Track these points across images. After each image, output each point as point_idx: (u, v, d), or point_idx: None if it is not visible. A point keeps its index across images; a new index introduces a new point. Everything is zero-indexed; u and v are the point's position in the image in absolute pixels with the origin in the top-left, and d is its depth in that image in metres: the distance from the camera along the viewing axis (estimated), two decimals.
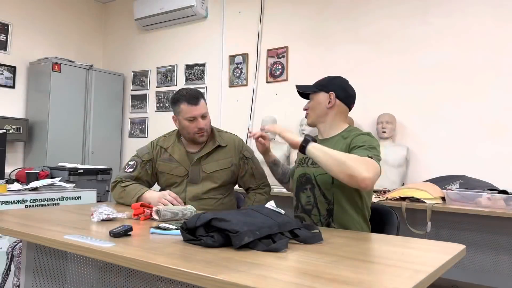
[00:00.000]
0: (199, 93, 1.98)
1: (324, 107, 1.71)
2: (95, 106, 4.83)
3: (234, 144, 2.06)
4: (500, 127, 2.94)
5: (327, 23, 3.73)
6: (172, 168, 2.00)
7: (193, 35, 4.64)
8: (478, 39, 3.05)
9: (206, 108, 1.99)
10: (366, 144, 1.54)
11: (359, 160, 1.43)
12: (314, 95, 1.74)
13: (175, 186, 2.00)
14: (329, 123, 1.73)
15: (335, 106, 1.71)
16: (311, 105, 1.75)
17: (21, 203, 2.45)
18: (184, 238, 1.16)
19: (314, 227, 1.27)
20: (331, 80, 1.75)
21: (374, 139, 1.61)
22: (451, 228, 2.83)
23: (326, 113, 1.72)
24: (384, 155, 3.17)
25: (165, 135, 2.12)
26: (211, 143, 2.03)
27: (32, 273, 1.56)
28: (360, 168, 1.39)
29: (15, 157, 4.57)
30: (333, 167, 1.43)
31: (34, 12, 4.74)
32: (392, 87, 3.38)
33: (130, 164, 2.03)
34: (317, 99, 1.73)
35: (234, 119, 4.25)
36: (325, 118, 1.72)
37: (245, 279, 0.82)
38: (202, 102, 1.97)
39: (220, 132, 2.11)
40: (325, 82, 1.74)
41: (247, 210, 1.24)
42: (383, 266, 0.96)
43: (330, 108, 1.70)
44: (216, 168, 1.98)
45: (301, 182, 1.72)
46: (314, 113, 1.74)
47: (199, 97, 1.96)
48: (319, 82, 1.76)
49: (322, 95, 1.72)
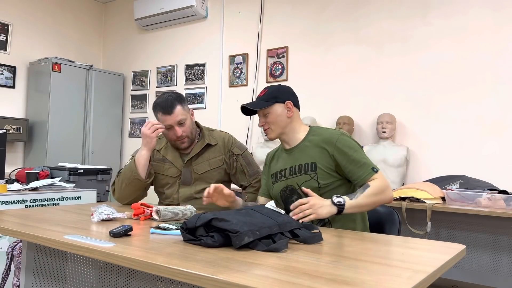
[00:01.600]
0: (176, 100, 1.90)
1: (285, 117, 1.68)
2: (95, 106, 4.83)
3: (224, 142, 2.03)
4: (500, 127, 2.94)
5: (327, 23, 3.73)
6: (165, 169, 2.00)
7: (193, 35, 4.64)
8: (478, 39, 3.05)
9: (184, 114, 1.91)
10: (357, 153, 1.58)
11: (379, 190, 1.53)
12: (269, 108, 1.67)
13: (168, 187, 1.99)
14: (292, 131, 1.70)
15: (293, 113, 1.70)
16: (270, 120, 1.68)
17: (21, 203, 2.45)
18: (184, 238, 1.16)
19: (314, 227, 1.27)
20: (277, 89, 1.70)
21: (350, 137, 1.64)
22: (451, 228, 2.83)
23: (288, 123, 1.69)
24: (384, 155, 3.17)
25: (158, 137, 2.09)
26: (200, 143, 2.00)
27: (32, 273, 1.56)
28: (386, 196, 1.54)
29: (15, 157, 4.57)
30: (371, 209, 1.56)
31: (34, 12, 4.74)
32: (392, 87, 3.38)
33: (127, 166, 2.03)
34: (274, 112, 1.67)
35: (234, 119, 4.25)
36: (288, 128, 1.70)
37: (245, 279, 0.82)
38: (178, 109, 1.88)
39: (211, 131, 2.08)
40: (275, 93, 1.68)
41: (247, 210, 1.24)
42: (383, 266, 0.96)
43: (290, 117, 1.69)
44: (207, 169, 1.97)
45: (286, 195, 1.69)
46: (277, 126, 1.68)
47: (173, 105, 1.88)
48: (267, 95, 1.69)
49: (278, 107, 1.67)
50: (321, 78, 3.74)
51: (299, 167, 1.66)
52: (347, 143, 1.60)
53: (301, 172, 1.65)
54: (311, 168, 1.63)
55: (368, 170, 1.56)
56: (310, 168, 1.63)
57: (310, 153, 1.65)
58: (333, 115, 3.61)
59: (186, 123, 1.92)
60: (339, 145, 1.59)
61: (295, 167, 1.67)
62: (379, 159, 3.19)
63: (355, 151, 1.59)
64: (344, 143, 1.60)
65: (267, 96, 1.69)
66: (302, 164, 1.65)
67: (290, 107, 1.68)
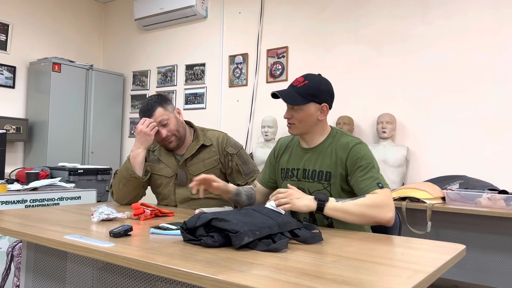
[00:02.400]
0: (156, 102, 1.92)
1: (315, 119, 1.55)
2: (95, 106, 4.83)
3: (218, 142, 2.02)
4: (500, 127, 2.94)
5: (327, 23, 3.73)
6: (160, 169, 2.00)
7: (193, 35, 4.64)
8: (478, 39, 3.05)
9: (167, 114, 1.91)
10: (369, 165, 1.47)
11: (377, 204, 1.39)
12: (304, 105, 1.53)
13: (163, 187, 1.99)
14: (316, 132, 1.59)
15: (325, 117, 1.58)
16: (299, 117, 1.54)
17: (21, 203, 2.45)
18: (184, 238, 1.16)
19: (314, 227, 1.27)
20: (318, 87, 1.53)
21: (368, 149, 1.54)
22: (451, 228, 2.83)
23: (315, 124, 1.57)
24: (384, 155, 3.17)
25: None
26: (194, 143, 1.99)
27: (32, 273, 1.56)
28: (381, 214, 1.38)
29: (15, 157, 4.57)
30: (355, 222, 1.40)
31: (34, 12, 4.74)
32: (392, 87, 3.38)
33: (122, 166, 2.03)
34: (307, 110, 1.53)
35: (234, 119, 4.25)
36: (314, 128, 1.58)
37: (245, 279, 0.82)
38: (158, 110, 1.90)
39: (205, 131, 2.06)
40: (314, 91, 1.52)
41: (247, 210, 1.24)
42: (383, 266, 0.96)
43: (321, 120, 1.57)
44: (202, 169, 1.95)
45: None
46: (304, 125, 1.55)
47: (153, 108, 1.90)
48: (306, 89, 1.52)
49: (313, 106, 1.53)
50: None
51: (313, 173, 1.57)
52: (361, 153, 1.50)
53: (314, 179, 1.57)
54: (326, 177, 1.54)
55: (372, 183, 1.44)
56: (324, 177, 1.55)
57: (326, 159, 1.55)
58: (333, 115, 3.61)
59: (169, 123, 1.92)
60: (352, 154, 1.50)
61: (309, 171, 1.58)
62: (379, 159, 3.19)
63: (366, 162, 1.48)
64: (358, 152, 1.50)
65: (305, 91, 1.52)
66: (317, 171, 1.56)
67: (325, 110, 1.55)
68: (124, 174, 1.90)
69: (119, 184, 1.92)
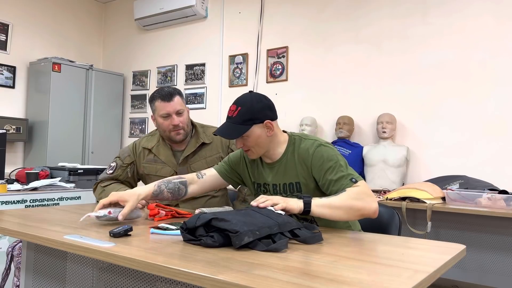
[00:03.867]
0: (175, 91, 1.93)
1: (265, 137, 1.50)
2: (95, 106, 4.83)
3: (221, 140, 2.01)
4: (500, 127, 2.94)
5: (327, 23, 3.73)
6: (158, 169, 1.97)
7: (193, 35, 4.64)
8: (478, 39, 3.05)
9: (183, 105, 1.93)
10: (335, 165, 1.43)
11: (359, 195, 1.36)
12: (247, 132, 1.47)
13: None
14: (273, 147, 1.54)
15: (274, 130, 1.52)
16: (249, 143, 1.49)
17: (21, 203, 2.45)
18: (184, 238, 1.16)
19: (314, 227, 1.26)
20: (251, 109, 1.46)
21: (330, 148, 1.49)
22: (451, 228, 2.83)
23: (269, 142, 1.52)
24: (384, 155, 3.17)
25: (148, 135, 2.06)
26: (194, 140, 1.98)
27: (32, 273, 1.56)
28: (366, 204, 1.35)
29: (15, 157, 4.57)
30: (343, 217, 1.37)
31: (34, 12, 4.74)
32: (392, 87, 3.38)
33: (111, 165, 2.00)
34: (253, 135, 1.47)
35: None
36: (270, 145, 1.53)
37: (245, 279, 0.82)
38: (177, 99, 1.90)
39: (205, 128, 2.05)
40: (250, 115, 1.46)
41: (247, 210, 1.24)
42: (383, 266, 0.96)
43: (271, 135, 1.51)
44: (205, 167, 1.93)
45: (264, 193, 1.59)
46: (258, 148, 1.50)
47: (173, 94, 1.90)
48: (241, 117, 1.46)
49: (257, 128, 1.47)
50: (321, 78, 3.74)
51: (284, 187, 1.54)
52: (324, 155, 1.45)
53: (286, 193, 1.54)
54: (296, 188, 1.52)
55: (345, 181, 1.40)
56: (295, 188, 1.52)
57: (291, 170, 1.51)
58: (333, 115, 3.61)
59: (184, 115, 1.92)
60: (315, 160, 1.46)
61: (279, 185, 1.55)
62: (379, 159, 3.19)
63: (331, 162, 1.44)
64: (321, 155, 1.45)
65: (240, 118, 1.46)
66: (287, 184, 1.53)
67: (270, 125, 1.50)
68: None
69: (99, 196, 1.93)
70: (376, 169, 3.19)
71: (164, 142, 2.00)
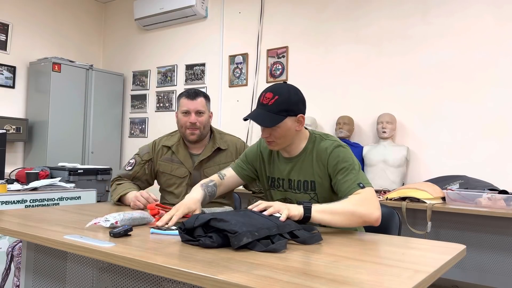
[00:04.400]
0: (202, 93, 2.00)
1: (294, 131, 1.50)
2: (95, 106, 4.83)
3: (236, 147, 2.05)
4: (500, 127, 2.94)
5: (327, 23, 3.73)
6: (173, 169, 2.00)
7: (193, 35, 4.64)
8: (478, 39, 3.05)
9: (205, 108, 1.98)
10: (349, 167, 1.44)
11: (362, 202, 1.35)
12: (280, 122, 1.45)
13: (175, 188, 1.99)
14: (296, 142, 1.55)
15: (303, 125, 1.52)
16: (278, 134, 1.47)
17: (21, 203, 2.45)
18: (182, 238, 1.15)
19: (313, 228, 1.26)
20: (289, 99, 1.46)
21: (347, 150, 1.50)
22: (451, 228, 2.83)
23: (295, 136, 1.52)
24: (384, 155, 3.17)
25: (168, 134, 2.11)
26: (210, 145, 2.02)
27: (32, 273, 1.56)
28: (367, 211, 1.34)
29: (15, 157, 4.57)
30: (344, 224, 1.35)
31: (34, 12, 4.74)
32: (392, 87, 3.38)
33: (130, 162, 2.04)
34: (284, 126, 1.46)
35: (234, 119, 4.25)
36: (294, 140, 1.53)
37: (245, 279, 0.82)
38: (201, 100, 1.96)
39: (222, 135, 2.09)
40: (286, 105, 1.45)
41: (245, 212, 1.23)
42: (383, 266, 0.96)
43: (299, 130, 1.52)
44: None
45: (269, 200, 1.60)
46: (283, 140, 1.50)
47: (199, 95, 1.97)
48: (277, 106, 1.44)
49: (289, 121, 1.47)
50: (321, 78, 3.74)
51: (298, 184, 1.55)
52: (340, 155, 1.47)
53: (300, 190, 1.55)
54: (311, 187, 1.52)
55: (353, 185, 1.40)
56: (310, 187, 1.53)
57: (308, 168, 1.52)
58: (333, 115, 3.61)
59: (203, 116, 1.97)
60: (332, 158, 1.47)
61: (294, 181, 1.56)
62: (379, 159, 3.19)
63: (346, 164, 1.45)
64: (338, 155, 1.47)
65: (277, 107, 1.44)
66: (301, 181, 1.54)
67: (302, 120, 1.50)
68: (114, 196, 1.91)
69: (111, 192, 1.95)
70: (376, 169, 3.19)
71: (183, 143, 2.03)
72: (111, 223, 1.29)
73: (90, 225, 1.31)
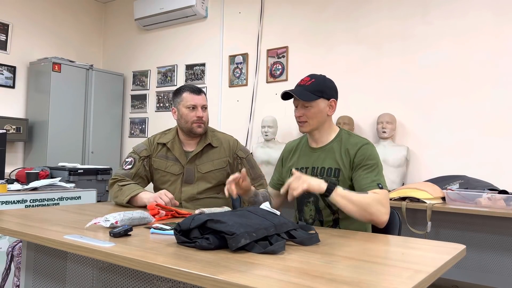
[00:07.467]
0: (202, 90, 2.11)
1: (325, 114, 1.63)
2: (95, 106, 4.83)
3: (229, 144, 2.07)
4: (500, 127, 2.94)
5: (327, 23, 3.73)
6: (168, 166, 2.01)
7: (193, 35, 4.64)
8: (478, 39, 3.05)
9: (207, 103, 2.08)
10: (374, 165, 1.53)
11: (377, 202, 1.44)
12: (314, 102, 1.60)
13: (170, 185, 1.99)
14: (325, 129, 1.66)
15: (334, 112, 1.65)
16: (311, 113, 1.60)
17: (21, 203, 2.45)
18: (177, 240, 1.12)
19: (310, 228, 1.25)
20: (324, 83, 1.63)
21: (375, 150, 1.59)
22: (451, 228, 2.83)
23: (325, 121, 1.64)
24: (384, 155, 3.17)
25: (162, 132, 2.12)
26: (202, 141, 2.04)
27: (32, 273, 1.56)
28: (379, 212, 1.43)
29: (15, 157, 4.57)
30: (355, 214, 1.45)
31: (34, 12, 4.74)
32: (392, 87, 3.38)
33: (127, 161, 2.02)
34: (317, 106, 1.60)
35: (234, 119, 4.25)
36: (323, 125, 1.65)
37: (245, 279, 0.82)
38: (204, 96, 2.07)
39: (215, 132, 2.12)
40: (322, 88, 1.61)
41: (242, 211, 1.21)
42: (383, 266, 0.96)
43: (330, 115, 1.65)
44: (211, 168, 2.00)
45: (303, 195, 1.62)
46: (315, 121, 1.61)
47: (202, 91, 2.08)
48: (314, 87, 1.61)
49: (322, 102, 1.61)
50: None
51: (322, 170, 1.61)
52: (368, 152, 1.56)
53: (323, 176, 1.59)
54: (335, 173, 1.58)
55: (373, 183, 1.49)
56: (333, 173, 1.58)
57: (336, 157, 1.60)
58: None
59: (207, 113, 2.05)
60: (361, 152, 1.55)
61: (317, 168, 1.62)
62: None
63: (372, 162, 1.54)
64: (366, 151, 1.56)
65: (313, 88, 1.60)
66: (326, 168, 1.60)
67: (333, 105, 1.63)
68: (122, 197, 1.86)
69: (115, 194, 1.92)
70: None
71: (178, 140, 2.05)
72: (111, 223, 1.29)
73: (90, 225, 1.31)
